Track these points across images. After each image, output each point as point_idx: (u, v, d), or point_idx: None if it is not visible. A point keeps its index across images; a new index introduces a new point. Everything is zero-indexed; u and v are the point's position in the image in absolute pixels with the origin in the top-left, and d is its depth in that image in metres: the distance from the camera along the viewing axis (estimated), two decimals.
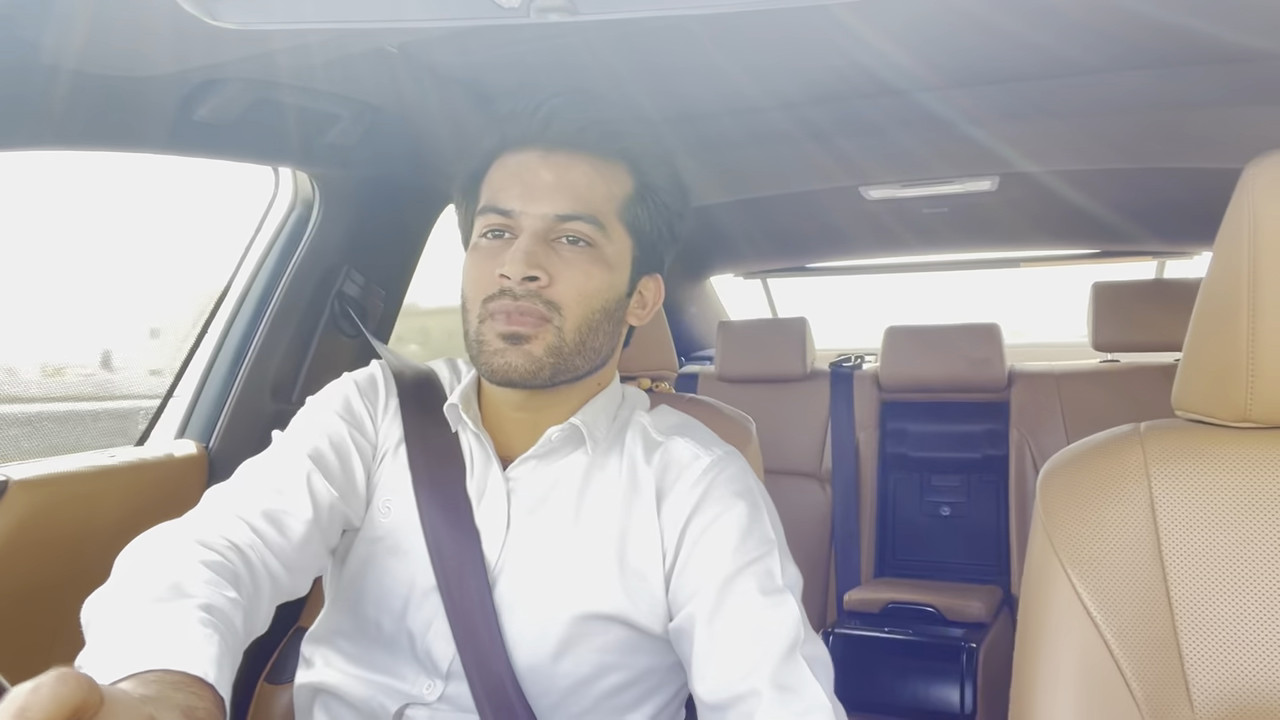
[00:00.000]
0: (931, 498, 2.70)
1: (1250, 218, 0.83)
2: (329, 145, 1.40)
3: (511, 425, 1.01)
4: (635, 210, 0.97)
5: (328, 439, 0.99)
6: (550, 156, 0.94)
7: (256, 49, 1.06)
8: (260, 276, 1.59)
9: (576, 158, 0.95)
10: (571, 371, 0.95)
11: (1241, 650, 0.82)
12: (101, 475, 1.37)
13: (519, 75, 1.40)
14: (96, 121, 1.12)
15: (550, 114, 0.94)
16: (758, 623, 0.88)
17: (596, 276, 0.94)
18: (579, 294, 0.93)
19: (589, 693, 0.96)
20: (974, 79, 1.47)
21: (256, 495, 0.92)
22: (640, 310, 1.03)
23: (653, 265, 1.03)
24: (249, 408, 1.57)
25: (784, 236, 2.89)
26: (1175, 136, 1.66)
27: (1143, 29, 1.26)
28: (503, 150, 0.97)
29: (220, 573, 0.78)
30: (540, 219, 0.92)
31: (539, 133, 0.95)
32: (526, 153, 0.95)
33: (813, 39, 1.30)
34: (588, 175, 0.94)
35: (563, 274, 0.92)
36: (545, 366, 0.92)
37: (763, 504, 0.98)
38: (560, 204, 0.93)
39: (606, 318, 0.96)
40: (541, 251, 0.92)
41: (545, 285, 0.91)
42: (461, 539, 0.96)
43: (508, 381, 0.93)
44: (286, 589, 0.90)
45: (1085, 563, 0.86)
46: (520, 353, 0.91)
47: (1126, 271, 3.03)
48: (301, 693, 1.03)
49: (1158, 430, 0.91)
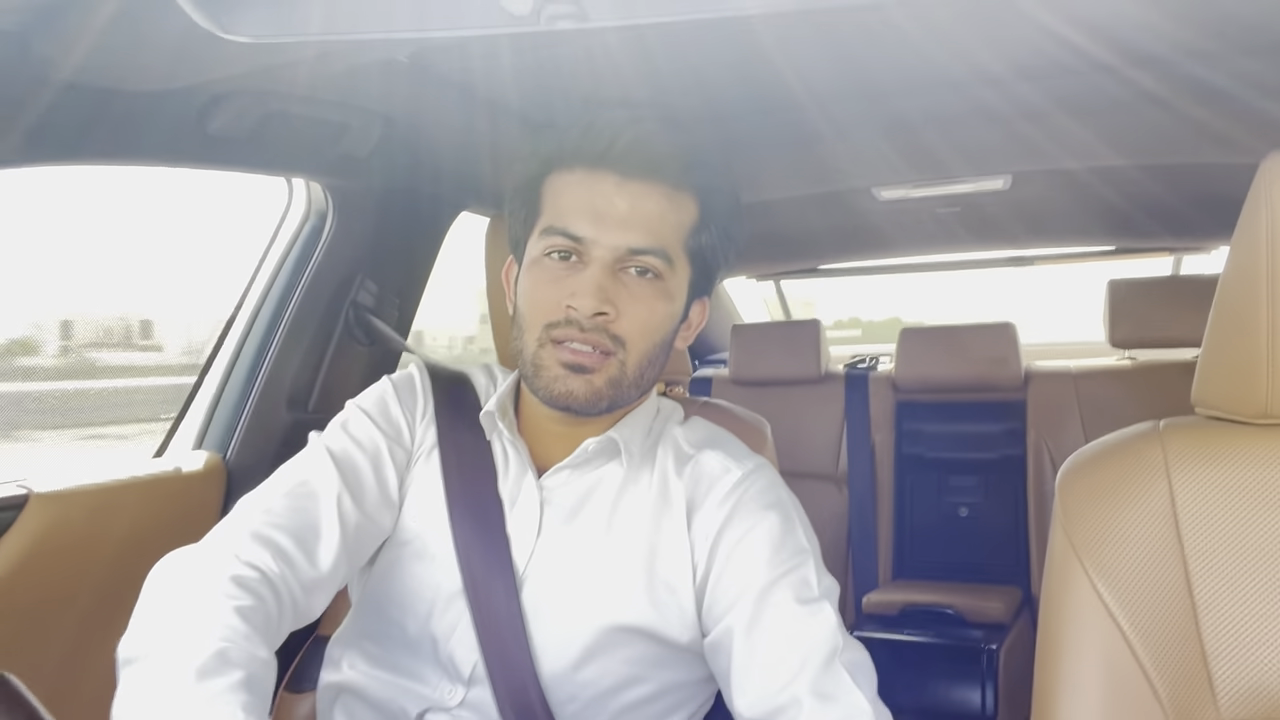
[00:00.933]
0: (949, 498, 2.68)
1: (1268, 212, 0.82)
2: (342, 156, 1.41)
3: (548, 436, 1.01)
4: (699, 239, 0.97)
5: (363, 450, 0.98)
6: (626, 185, 0.92)
7: (269, 61, 1.06)
8: (275, 287, 1.60)
9: (650, 187, 0.93)
10: (626, 400, 0.96)
11: (1266, 648, 0.81)
12: (120, 487, 1.38)
13: (531, 83, 1.40)
14: (112, 136, 1.13)
15: (634, 142, 0.92)
16: (796, 632, 0.87)
17: (660, 310, 0.94)
18: (644, 329, 0.93)
19: (612, 704, 0.95)
20: (985, 78, 1.46)
21: (288, 516, 0.91)
22: (686, 332, 1.03)
23: (705, 289, 1.02)
24: (266, 418, 1.58)
25: (796, 238, 2.88)
26: (1190, 132, 1.65)
27: (1156, 24, 1.26)
28: (570, 165, 0.95)
29: (254, 622, 0.77)
30: (612, 250, 0.91)
31: (619, 159, 0.92)
32: (599, 176, 0.93)
33: (824, 42, 1.29)
34: (660, 207, 0.93)
35: (629, 309, 0.92)
36: (605, 397, 0.93)
37: (795, 514, 0.97)
38: (633, 237, 0.91)
39: (663, 349, 0.97)
40: (611, 285, 0.91)
41: (612, 320, 0.91)
42: (491, 544, 0.96)
43: (565, 408, 0.93)
44: (304, 615, 0.90)
45: (1106, 562, 0.85)
46: (582, 381, 0.91)
47: (1142, 268, 3.01)
48: (325, 693, 1.04)
49: (1177, 428, 0.91)
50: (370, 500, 0.97)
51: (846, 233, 2.79)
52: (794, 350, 2.79)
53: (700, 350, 3.36)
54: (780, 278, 3.43)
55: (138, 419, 1.66)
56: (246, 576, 0.81)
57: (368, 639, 1.01)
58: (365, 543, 0.97)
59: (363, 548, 0.97)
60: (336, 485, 0.94)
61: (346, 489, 0.94)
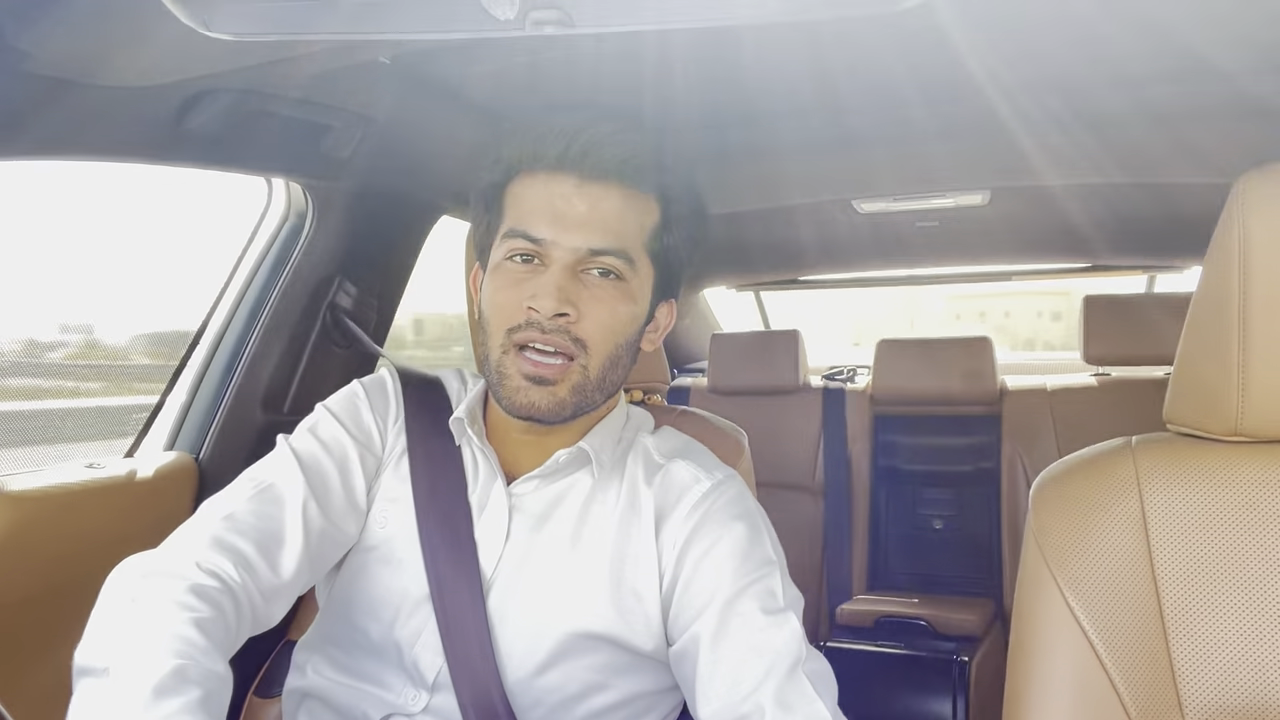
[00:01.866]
0: (924, 511, 2.70)
1: (1240, 232, 0.83)
2: (322, 156, 1.40)
3: (516, 443, 1.01)
4: (661, 240, 0.97)
5: (330, 456, 0.98)
6: (585, 187, 0.93)
7: (250, 60, 1.06)
8: (253, 287, 1.58)
9: (610, 189, 0.93)
10: (591, 406, 0.96)
11: (1233, 663, 0.82)
12: (91, 487, 1.36)
13: (513, 87, 1.40)
14: (90, 131, 1.12)
15: (590, 144, 0.92)
16: (761, 642, 0.88)
17: (623, 312, 0.94)
18: (606, 330, 0.93)
19: (576, 710, 0.95)
20: (965, 94, 1.48)
21: (252, 521, 0.90)
22: (653, 335, 1.03)
23: (670, 291, 1.03)
24: (240, 419, 1.56)
25: (776, 249, 2.89)
26: (1165, 151, 1.67)
27: (1134, 45, 1.27)
28: (531, 168, 0.95)
29: (213, 636, 0.76)
30: (572, 252, 0.92)
31: (576, 161, 0.92)
32: (559, 178, 0.93)
33: (806, 54, 1.30)
34: (620, 208, 0.94)
35: (591, 310, 0.92)
36: (568, 406, 0.93)
37: (763, 525, 0.98)
38: (593, 238, 0.92)
39: (628, 351, 0.97)
40: (572, 286, 0.91)
41: (574, 321, 0.91)
42: (458, 550, 0.95)
43: (528, 418, 0.93)
44: (264, 622, 0.89)
45: (1077, 576, 0.86)
46: (545, 393, 0.91)
47: (1117, 285, 3.04)
48: (289, 698, 1.03)
49: (1149, 444, 0.92)
50: (336, 507, 0.96)
51: (826, 244, 2.80)
52: (773, 360, 2.80)
53: (679, 359, 3.36)
54: (760, 288, 3.44)
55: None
56: (206, 586, 0.80)
57: (333, 644, 1.00)
58: (329, 549, 0.96)
59: (326, 554, 0.96)
60: (302, 491, 0.93)
61: (312, 495, 0.94)
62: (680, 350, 3.36)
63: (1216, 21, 1.18)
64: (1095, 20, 1.18)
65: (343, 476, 0.97)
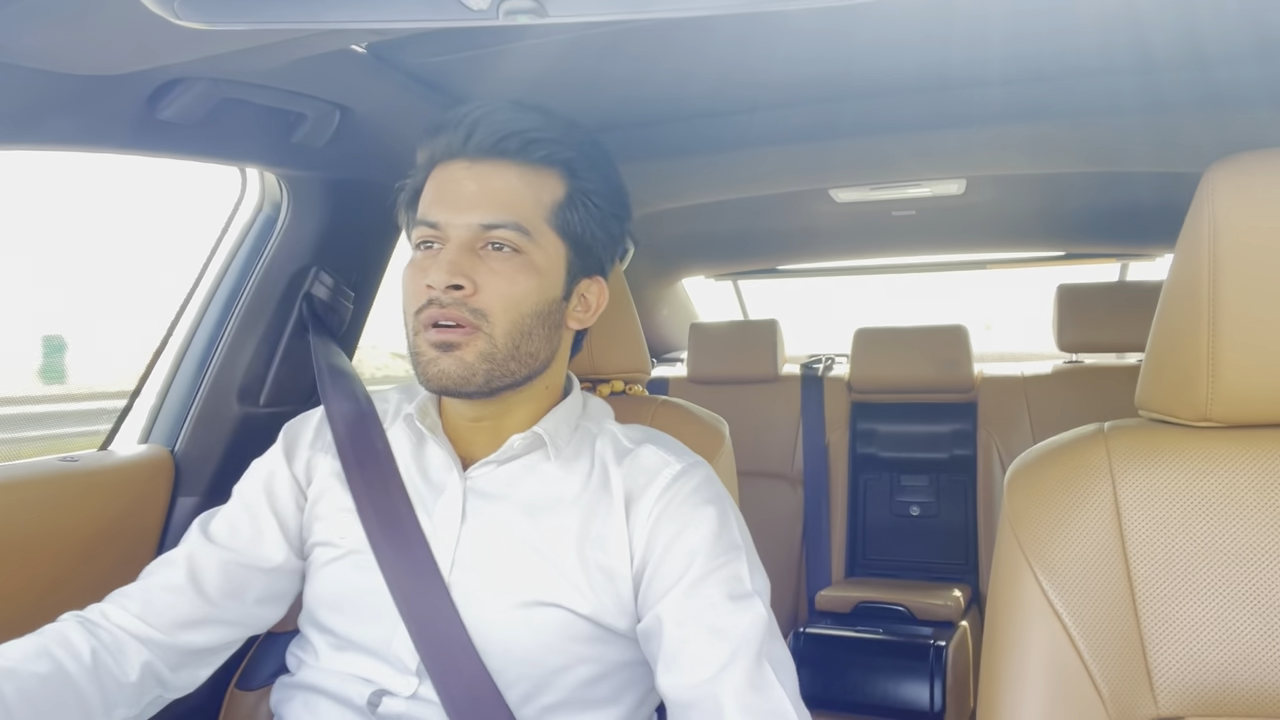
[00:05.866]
0: (901, 498, 2.72)
1: (1210, 221, 0.84)
2: (297, 145, 1.39)
3: (472, 433, 1.03)
4: (567, 215, 0.98)
5: (245, 509, 1.07)
6: (474, 167, 0.96)
7: (222, 48, 1.05)
8: (227, 278, 1.57)
9: (500, 166, 0.96)
10: (509, 377, 0.96)
11: (1203, 646, 0.84)
12: (65, 479, 1.35)
13: (488, 77, 1.39)
14: (59, 121, 1.10)
15: (472, 125, 0.95)
16: (725, 625, 0.89)
17: (523, 283, 0.95)
18: (506, 300, 0.94)
19: (559, 684, 0.96)
20: (940, 84, 1.49)
21: (166, 597, 1.01)
22: (582, 313, 1.04)
23: (592, 268, 1.03)
24: (215, 411, 1.55)
25: (754, 238, 2.90)
26: (1137, 141, 1.69)
27: (1106, 35, 1.28)
28: (435, 163, 0.99)
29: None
30: (465, 229, 0.94)
31: (462, 144, 0.96)
32: (453, 164, 0.97)
33: (783, 43, 1.30)
34: (512, 183, 0.95)
35: (488, 282, 0.93)
36: (478, 372, 0.94)
37: (731, 511, 0.99)
38: (484, 213, 0.94)
39: (540, 322, 0.97)
40: (466, 261, 0.93)
41: (470, 294, 0.93)
42: (409, 551, 0.98)
43: (443, 389, 0.95)
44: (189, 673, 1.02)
45: (1051, 561, 0.87)
46: (453, 359, 0.93)
47: (1090, 273, 3.07)
48: (279, 690, 1.06)
49: (1121, 430, 0.93)
50: (291, 537, 1.07)
51: (804, 234, 2.81)
52: (751, 350, 2.81)
53: (657, 349, 3.36)
54: (738, 277, 3.45)
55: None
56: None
57: (319, 636, 1.03)
58: (282, 579, 1.07)
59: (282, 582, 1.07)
60: (213, 558, 1.03)
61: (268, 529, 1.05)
62: (659, 340, 3.36)
63: (1186, 12, 1.19)
64: (1067, 11, 1.19)
65: (278, 513, 1.07)
